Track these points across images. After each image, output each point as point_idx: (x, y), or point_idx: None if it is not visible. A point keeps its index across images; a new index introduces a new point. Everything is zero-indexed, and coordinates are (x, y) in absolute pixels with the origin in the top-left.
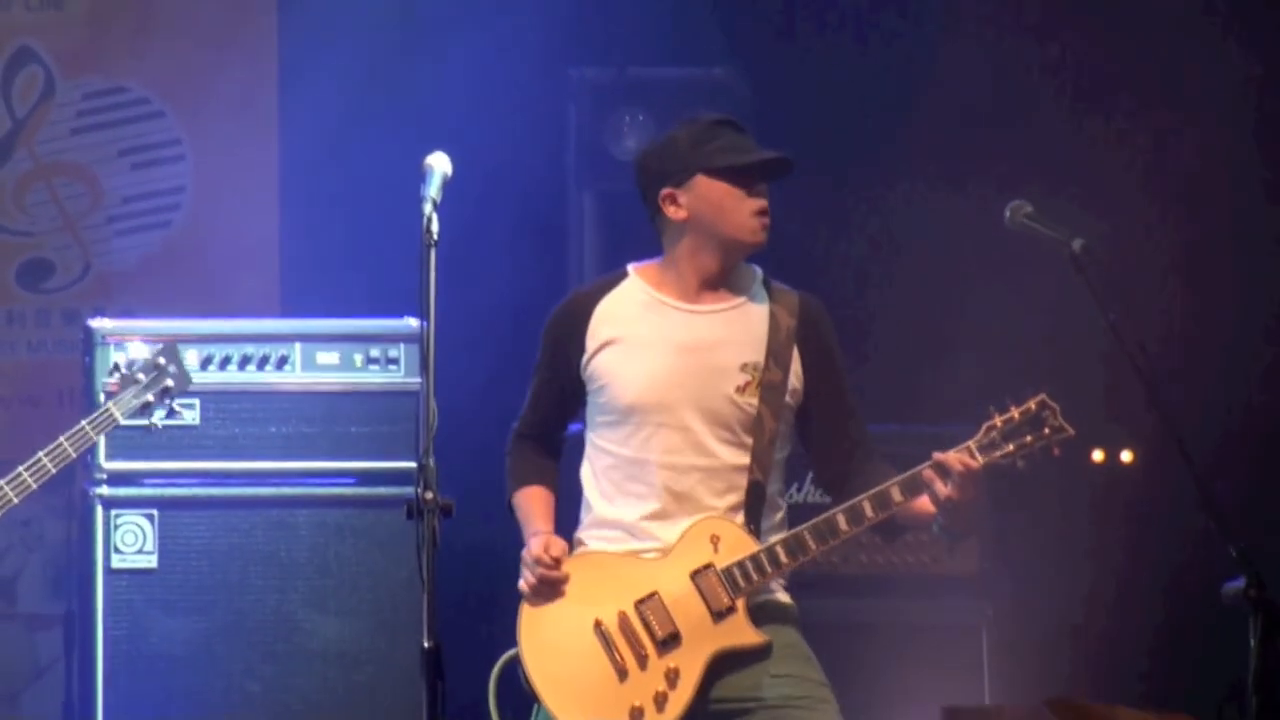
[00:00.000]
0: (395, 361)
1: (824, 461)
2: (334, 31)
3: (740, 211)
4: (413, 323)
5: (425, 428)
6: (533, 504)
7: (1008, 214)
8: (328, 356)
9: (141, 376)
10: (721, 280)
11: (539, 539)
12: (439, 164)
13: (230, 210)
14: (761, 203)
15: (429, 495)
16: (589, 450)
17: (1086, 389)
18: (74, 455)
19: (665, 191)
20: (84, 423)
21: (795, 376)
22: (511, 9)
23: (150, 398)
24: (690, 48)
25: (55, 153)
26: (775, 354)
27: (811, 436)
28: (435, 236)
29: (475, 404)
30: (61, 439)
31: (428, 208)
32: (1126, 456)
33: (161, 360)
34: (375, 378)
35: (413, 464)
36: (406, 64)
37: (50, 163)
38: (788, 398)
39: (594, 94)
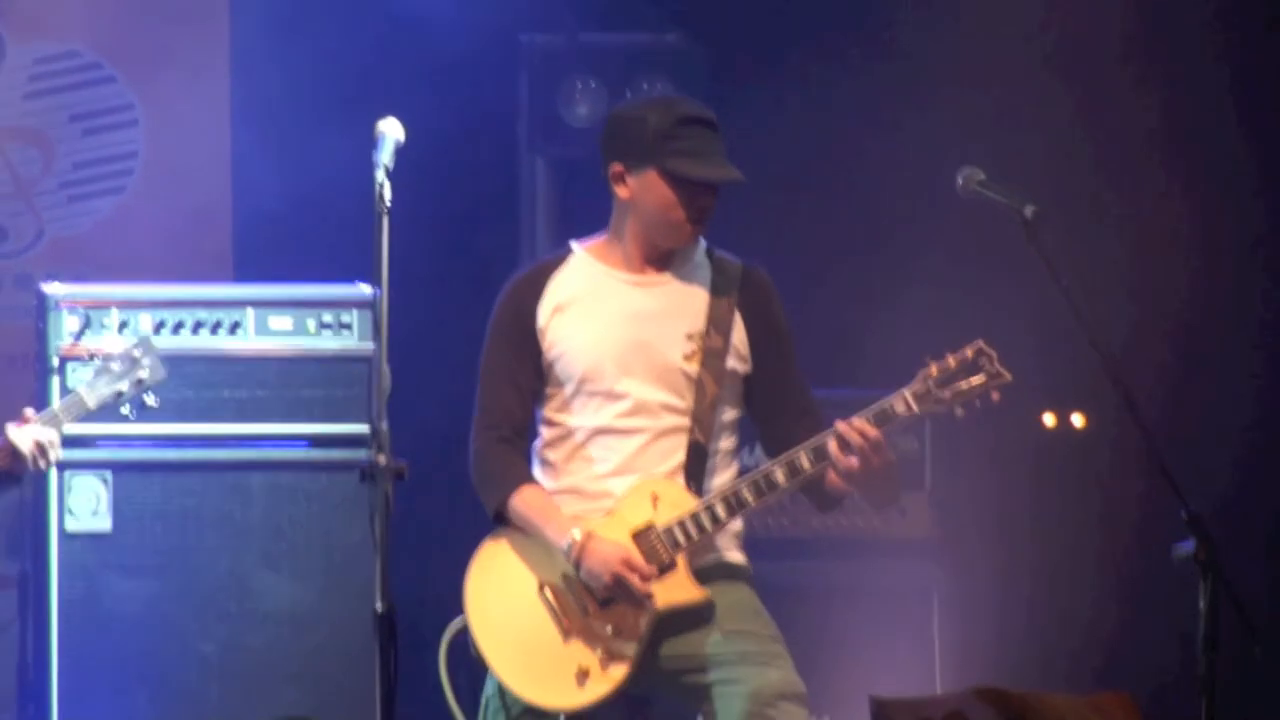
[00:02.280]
0: (348, 326)
1: (770, 431)
2: None
3: (677, 216)
4: (365, 288)
5: (378, 392)
6: (547, 500)
7: (960, 180)
8: (281, 321)
9: (115, 366)
10: (665, 254)
11: (616, 547)
12: (391, 130)
13: (183, 175)
14: (701, 210)
15: (382, 459)
16: (536, 432)
17: (1038, 352)
18: None
19: (617, 168)
20: (54, 406)
21: (740, 343)
22: None
23: (122, 387)
24: (642, 13)
25: (7, 119)
26: (715, 321)
27: (757, 406)
28: (387, 203)
29: (428, 369)
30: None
31: (380, 174)
32: (1078, 420)
33: (136, 352)
34: (328, 343)
35: (366, 428)
36: (358, 30)
37: (2, 128)
38: (731, 362)
39: (546, 61)
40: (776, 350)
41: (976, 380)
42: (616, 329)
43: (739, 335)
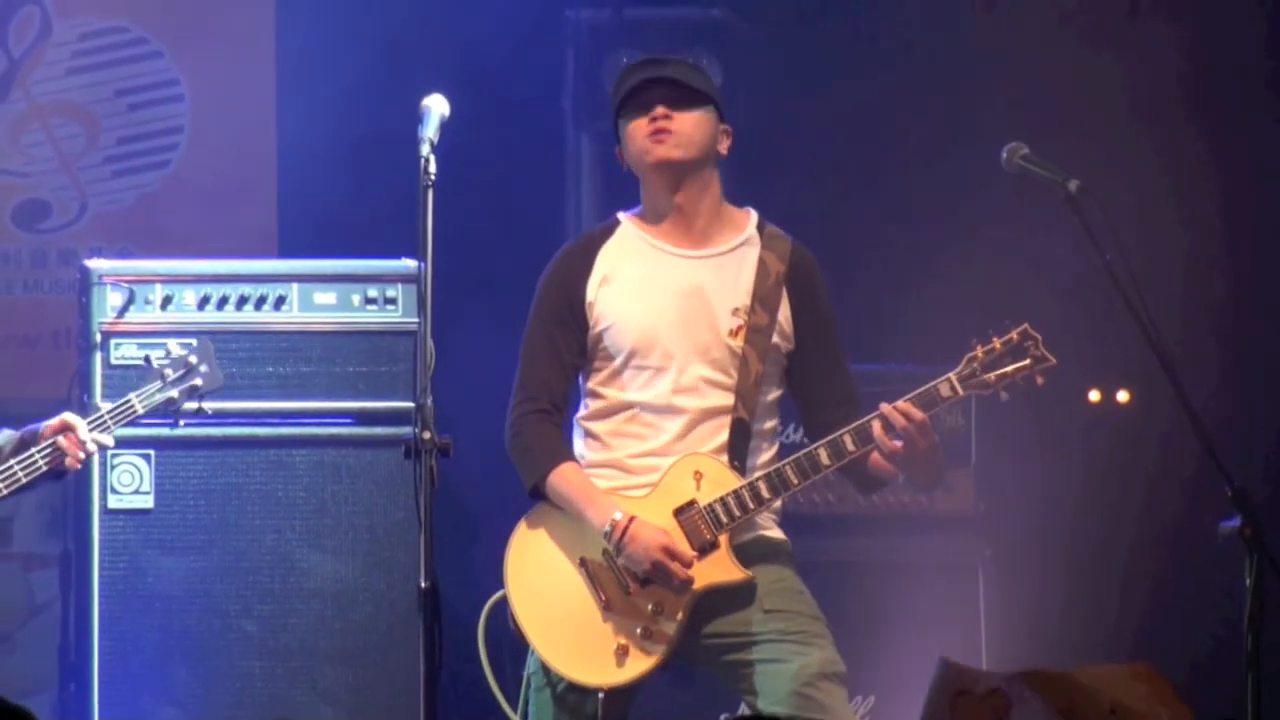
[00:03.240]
0: (393, 302)
1: (811, 414)
2: None
3: (639, 136)
4: (410, 263)
5: (423, 368)
6: (587, 480)
7: (1004, 155)
8: (325, 297)
9: (169, 372)
10: (708, 222)
11: (657, 532)
12: (436, 106)
13: (228, 150)
14: (651, 115)
15: (426, 435)
16: (581, 402)
17: (1083, 329)
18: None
19: (616, 148)
20: (104, 411)
21: (785, 320)
22: None
23: (174, 394)
24: None
25: (52, 93)
26: (762, 298)
27: (798, 387)
28: (433, 177)
29: (472, 344)
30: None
31: (425, 149)
32: (1123, 396)
33: (193, 359)
34: (373, 318)
35: (410, 404)
36: (404, 5)
37: (47, 103)
38: (776, 339)
39: (591, 35)
40: (821, 331)
41: (1022, 364)
42: (664, 302)
43: (784, 313)
